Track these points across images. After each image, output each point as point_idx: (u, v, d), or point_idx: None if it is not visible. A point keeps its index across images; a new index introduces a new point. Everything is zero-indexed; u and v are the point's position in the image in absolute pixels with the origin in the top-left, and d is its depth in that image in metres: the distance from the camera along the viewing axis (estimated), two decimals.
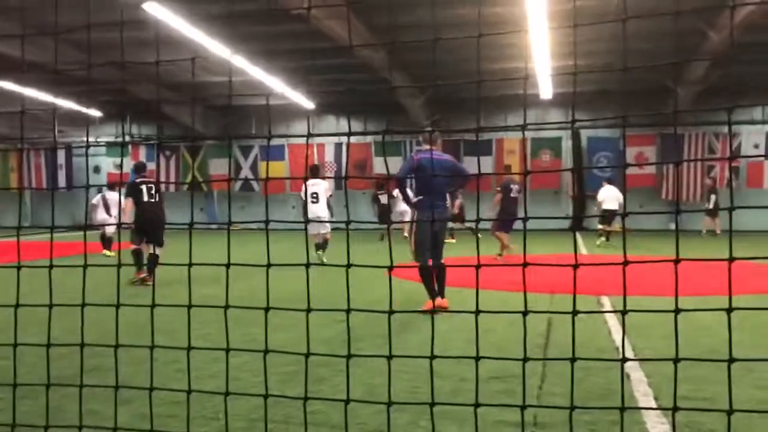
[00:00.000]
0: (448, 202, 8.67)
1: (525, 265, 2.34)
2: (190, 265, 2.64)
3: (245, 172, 25.96)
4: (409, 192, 8.65)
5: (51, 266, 2.73)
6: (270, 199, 15.39)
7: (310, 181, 12.10)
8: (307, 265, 2.50)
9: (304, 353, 2.55)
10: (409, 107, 22.27)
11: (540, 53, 15.26)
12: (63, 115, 25.95)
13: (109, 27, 15.71)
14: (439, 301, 6.87)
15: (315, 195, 11.97)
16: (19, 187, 26.20)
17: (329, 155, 25.31)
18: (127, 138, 26.81)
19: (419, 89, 21.85)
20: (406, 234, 13.80)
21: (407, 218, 13.55)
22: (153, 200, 9.60)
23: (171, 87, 22.28)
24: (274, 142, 25.34)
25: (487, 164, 23.25)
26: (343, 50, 15.62)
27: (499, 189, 12.96)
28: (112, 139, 26.94)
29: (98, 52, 18.03)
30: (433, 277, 6.88)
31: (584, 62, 17.28)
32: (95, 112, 25.70)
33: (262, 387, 2.72)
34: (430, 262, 6.92)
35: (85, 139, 28.02)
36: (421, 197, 7.06)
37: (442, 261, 7.16)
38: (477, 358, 2.42)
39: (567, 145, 24.07)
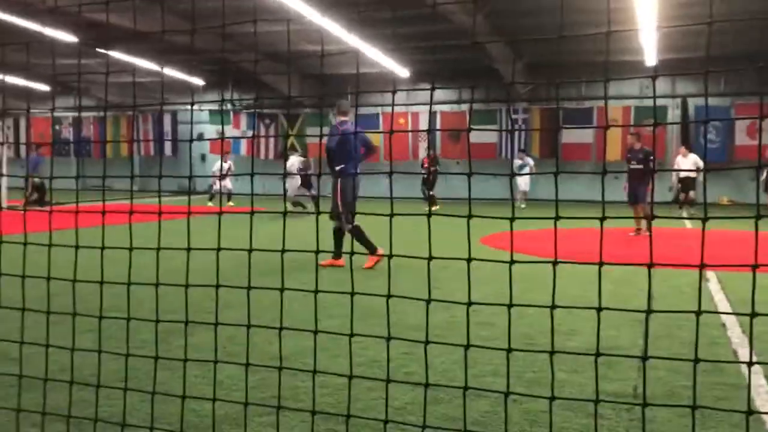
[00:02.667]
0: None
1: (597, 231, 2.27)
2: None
3: None
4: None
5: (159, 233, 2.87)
6: (366, 167, 15.57)
7: None
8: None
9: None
10: (506, 74, 21.84)
11: (646, 16, 14.57)
12: (168, 84, 27.07)
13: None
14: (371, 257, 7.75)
15: None
16: (129, 151, 27.56)
17: (423, 124, 25.22)
18: (229, 106, 27.64)
19: (517, 55, 21.33)
20: None
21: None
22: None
23: (270, 55, 22.73)
24: (369, 111, 25.50)
25: (588, 133, 22.54)
26: (439, 16, 15.44)
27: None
28: (214, 107, 27.87)
29: (201, 21, 18.59)
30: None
31: (693, 28, 16.34)
32: (198, 81, 26.61)
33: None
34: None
35: (189, 106, 28.98)
36: (343, 165, 7.91)
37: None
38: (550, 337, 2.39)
39: (673, 114, 22.98)
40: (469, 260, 2.28)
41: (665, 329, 4.92)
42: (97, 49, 21.04)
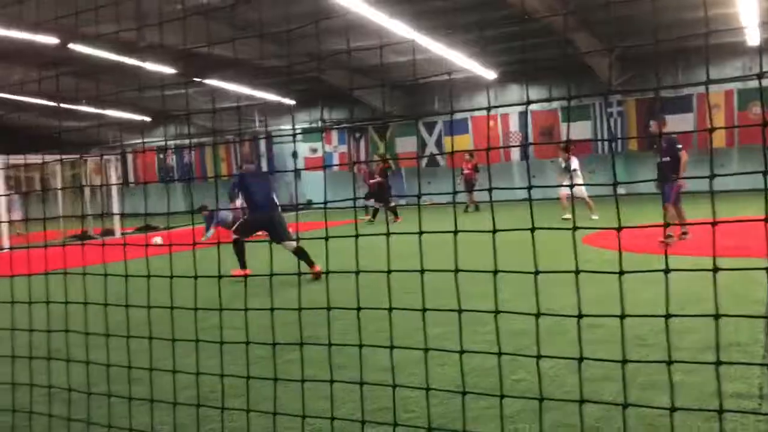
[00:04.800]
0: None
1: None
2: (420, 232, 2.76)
3: (430, 148, 26.35)
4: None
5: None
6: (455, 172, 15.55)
7: None
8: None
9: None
10: (596, 68, 21.26)
11: None
12: (262, 106, 27.99)
13: (301, 19, 16.63)
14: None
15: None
16: (228, 173, 28.65)
17: (513, 125, 24.91)
18: (320, 123, 28.28)
19: (606, 48, 20.71)
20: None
21: (578, 180, 14.20)
22: None
23: (358, 71, 23.11)
24: (458, 116, 25.42)
25: (688, 122, 21.57)
26: (522, 15, 15.20)
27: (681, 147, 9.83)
28: (306, 125, 28.58)
29: (292, 44, 19.10)
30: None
31: None
32: (290, 101, 27.38)
33: None
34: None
35: (282, 127, 30.29)
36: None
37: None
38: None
39: None
40: (576, 272, 2.24)
41: None
42: (195, 79, 22.04)
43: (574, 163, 14.90)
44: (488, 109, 2.28)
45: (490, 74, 22.73)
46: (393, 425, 2.55)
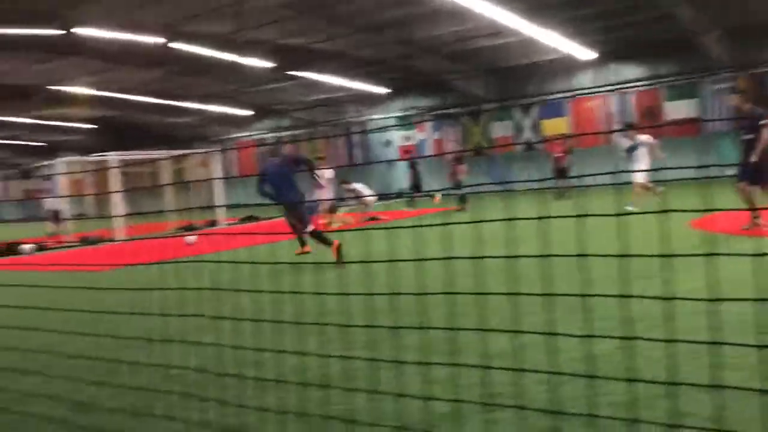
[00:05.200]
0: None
1: None
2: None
3: (526, 133, 25.83)
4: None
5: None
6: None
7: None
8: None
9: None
10: (702, 43, 20.15)
11: None
12: (356, 96, 28.29)
13: (389, 7, 16.66)
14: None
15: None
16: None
17: (613, 106, 24.02)
18: (413, 111, 28.27)
19: (712, 22, 19.56)
20: None
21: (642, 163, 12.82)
22: None
23: (450, 56, 22.91)
24: (555, 98, 24.80)
25: None
26: None
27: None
28: (399, 113, 28.65)
29: (384, 33, 19.17)
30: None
31: None
32: (383, 90, 27.51)
33: None
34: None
35: (375, 116, 30.50)
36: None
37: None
38: None
39: None
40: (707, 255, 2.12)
41: None
42: (291, 72, 22.54)
43: (640, 144, 12.79)
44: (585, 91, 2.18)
45: (589, 54, 22.00)
46: (518, 408, 2.52)
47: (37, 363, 4.39)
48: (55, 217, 18.52)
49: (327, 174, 17.72)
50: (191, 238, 13.12)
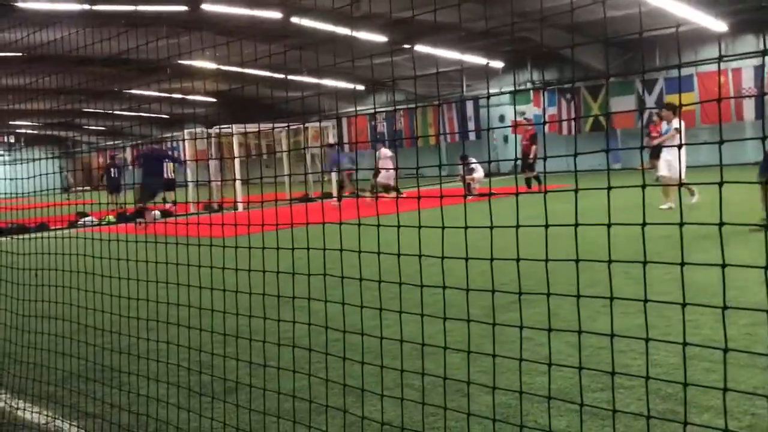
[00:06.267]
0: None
1: None
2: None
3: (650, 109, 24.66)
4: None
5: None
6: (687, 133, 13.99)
7: None
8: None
9: None
10: None
11: None
12: (468, 70, 27.94)
13: None
14: None
15: None
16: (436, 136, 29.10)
17: (747, 80, 22.46)
18: (529, 85, 27.61)
19: None
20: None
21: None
22: None
23: (568, 28, 22.15)
24: (682, 72, 23.49)
25: None
26: None
27: None
28: (512, 88, 28.09)
29: (498, 4, 18.81)
30: None
31: None
32: (497, 63, 27.03)
33: None
34: None
35: (488, 90, 30.01)
36: None
37: None
38: None
39: None
40: None
41: None
42: (404, 46, 22.56)
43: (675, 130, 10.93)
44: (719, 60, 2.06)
45: (721, 25, 20.63)
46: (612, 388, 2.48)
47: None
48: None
49: (386, 152, 17.81)
50: (335, 203, 13.82)
